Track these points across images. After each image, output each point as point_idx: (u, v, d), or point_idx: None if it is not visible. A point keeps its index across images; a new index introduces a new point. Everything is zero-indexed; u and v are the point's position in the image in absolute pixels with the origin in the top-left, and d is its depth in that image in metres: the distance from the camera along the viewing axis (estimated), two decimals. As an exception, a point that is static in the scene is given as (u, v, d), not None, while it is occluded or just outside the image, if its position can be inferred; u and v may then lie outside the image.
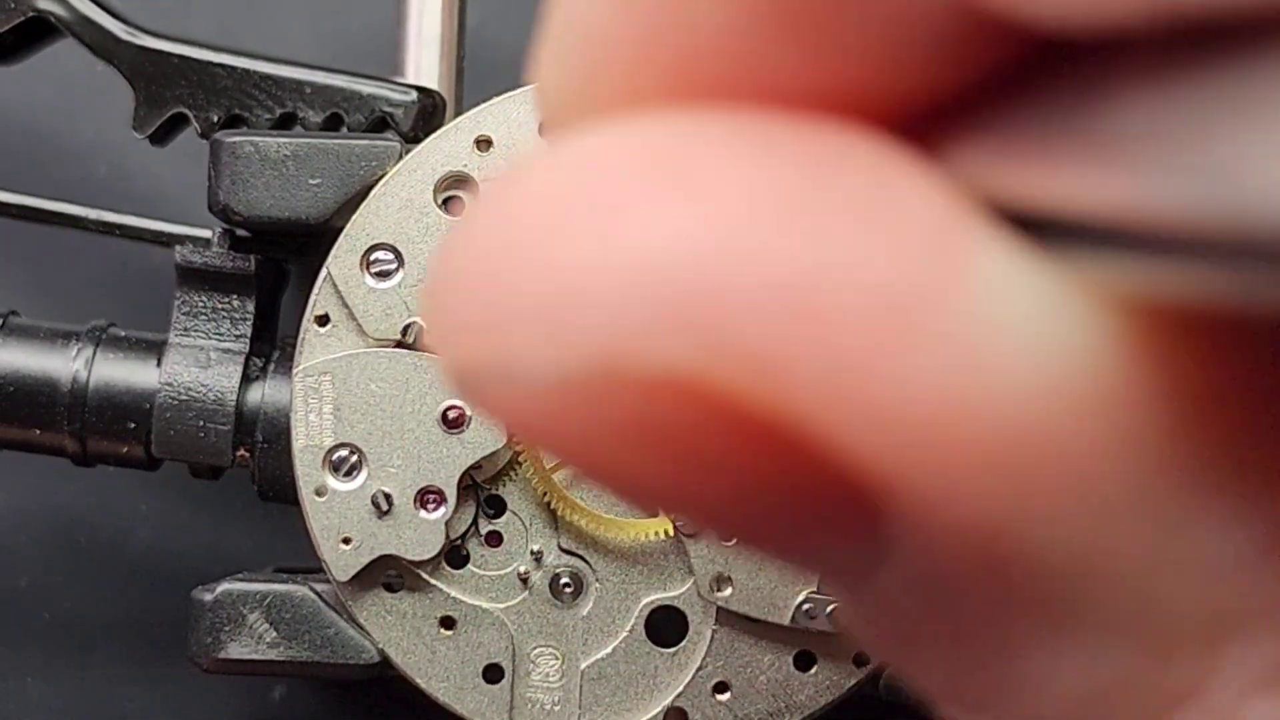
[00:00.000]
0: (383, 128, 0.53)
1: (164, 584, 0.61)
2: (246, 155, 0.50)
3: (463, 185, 0.50)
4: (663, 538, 0.50)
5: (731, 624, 0.50)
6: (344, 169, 0.50)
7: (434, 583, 0.50)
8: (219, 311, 0.53)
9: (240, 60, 0.53)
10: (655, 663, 0.50)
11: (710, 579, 0.49)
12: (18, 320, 0.54)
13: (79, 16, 0.54)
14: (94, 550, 0.61)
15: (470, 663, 0.50)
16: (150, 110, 0.54)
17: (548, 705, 0.50)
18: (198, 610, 0.50)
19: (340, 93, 0.53)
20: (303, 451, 0.49)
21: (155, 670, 0.61)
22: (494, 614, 0.50)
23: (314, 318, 0.50)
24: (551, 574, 0.50)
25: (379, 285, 0.49)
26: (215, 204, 0.50)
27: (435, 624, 0.50)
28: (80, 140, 0.62)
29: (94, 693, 0.61)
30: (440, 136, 0.50)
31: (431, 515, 0.49)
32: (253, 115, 0.53)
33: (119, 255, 0.60)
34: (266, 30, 0.63)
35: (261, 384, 0.52)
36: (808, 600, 0.49)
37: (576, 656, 0.50)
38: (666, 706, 0.50)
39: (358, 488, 0.49)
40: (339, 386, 0.49)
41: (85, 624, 0.61)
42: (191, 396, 0.52)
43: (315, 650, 0.50)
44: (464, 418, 0.49)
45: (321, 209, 0.50)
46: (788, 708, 0.50)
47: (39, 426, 0.52)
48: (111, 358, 0.52)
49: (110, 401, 0.52)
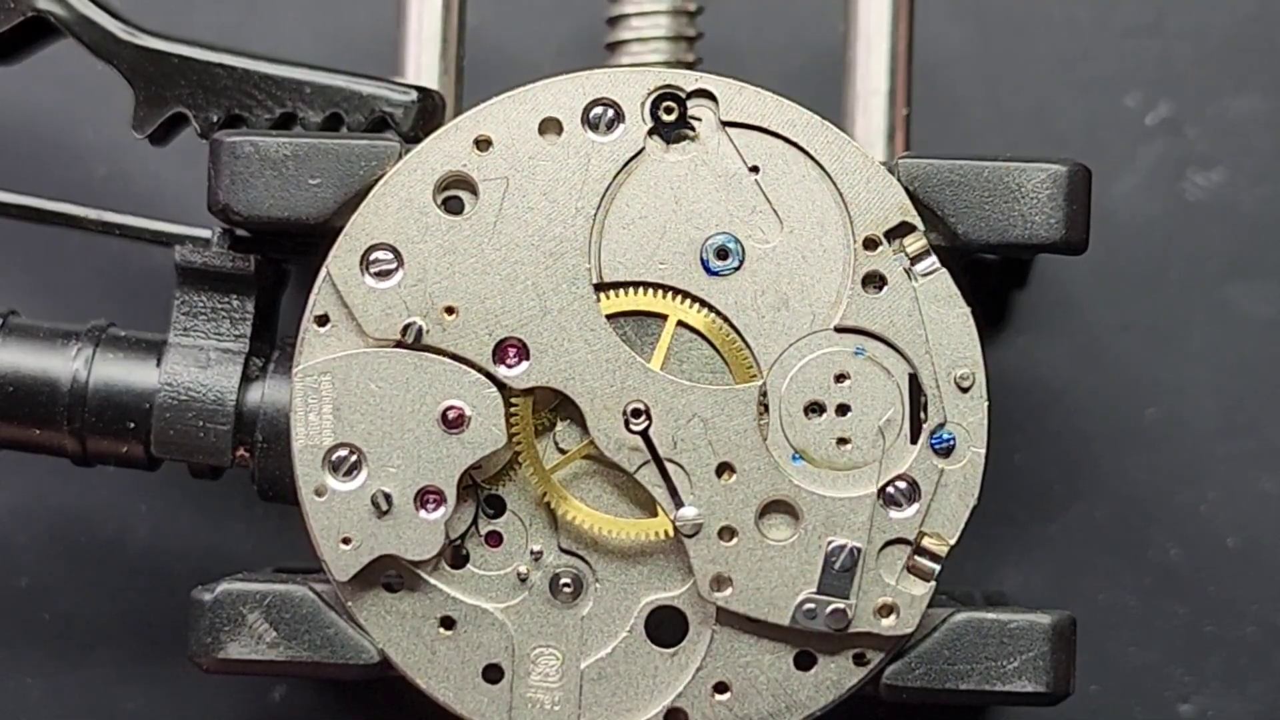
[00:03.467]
0: (382, 128, 0.53)
1: (164, 584, 0.61)
2: (246, 155, 0.50)
3: (463, 185, 0.50)
4: (663, 538, 0.50)
5: (731, 624, 0.50)
6: (344, 169, 0.50)
7: (434, 583, 0.50)
8: (219, 311, 0.53)
9: (240, 60, 0.53)
10: (655, 663, 0.50)
11: (710, 579, 0.49)
12: (18, 320, 0.54)
13: (79, 16, 0.54)
14: (94, 550, 0.61)
15: (470, 663, 0.50)
16: (150, 110, 0.54)
17: (547, 705, 0.50)
18: (198, 610, 0.50)
19: (340, 93, 0.53)
20: (302, 451, 0.49)
21: (155, 670, 0.61)
22: (494, 614, 0.50)
23: (313, 317, 0.50)
24: (551, 574, 0.50)
25: (379, 285, 0.49)
26: (215, 204, 0.50)
27: (435, 624, 0.50)
28: (80, 140, 0.62)
29: (94, 693, 0.61)
30: (440, 136, 0.50)
31: (431, 515, 0.49)
32: (252, 115, 0.53)
33: (119, 255, 0.60)
34: (266, 30, 0.63)
35: (261, 384, 0.52)
36: (808, 600, 0.49)
37: (576, 656, 0.50)
38: (666, 706, 0.50)
39: (357, 488, 0.49)
40: (339, 386, 0.49)
41: (85, 624, 0.61)
42: (191, 396, 0.52)
43: (315, 650, 0.50)
44: (463, 418, 0.49)
45: (321, 209, 0.50)
46: (788, 708, 0.50)
47: (39, 426, 0.52)
48: (111, 357, 0.52)
49: (110, 401, 0.52)
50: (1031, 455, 0.61)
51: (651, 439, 0.49)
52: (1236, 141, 0.62)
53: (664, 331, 0.50)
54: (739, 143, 0.49)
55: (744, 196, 0.49)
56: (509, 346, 0.49)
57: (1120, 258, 0.61)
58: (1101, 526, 0.61)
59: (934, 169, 0.50)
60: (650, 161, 0.49)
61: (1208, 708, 0.61)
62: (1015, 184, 0.49)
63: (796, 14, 0.62)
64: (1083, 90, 0.62)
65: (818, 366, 0.49)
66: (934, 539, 0.49)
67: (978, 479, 0.49)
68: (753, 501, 0.49)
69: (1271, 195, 0.62)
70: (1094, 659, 0.60)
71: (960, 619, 0.50)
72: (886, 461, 0.49)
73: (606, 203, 0.49)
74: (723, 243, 0.49)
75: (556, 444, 0.50)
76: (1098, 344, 0.61)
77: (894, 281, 0.49)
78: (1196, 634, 0.61)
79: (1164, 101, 0.62)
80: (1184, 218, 0.62)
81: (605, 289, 0.50)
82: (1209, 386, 0.61)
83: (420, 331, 0.49)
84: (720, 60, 0.56)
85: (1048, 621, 0.50)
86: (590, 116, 0.49)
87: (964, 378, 0.49)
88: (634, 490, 0.50)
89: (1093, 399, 0.61)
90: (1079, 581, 0.61)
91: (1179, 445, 0.61)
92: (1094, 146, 0.61)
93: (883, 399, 0.49)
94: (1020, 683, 0.49)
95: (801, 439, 0.49)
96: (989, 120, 0.62)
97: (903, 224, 0.49)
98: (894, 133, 0.55)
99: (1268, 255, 0.62)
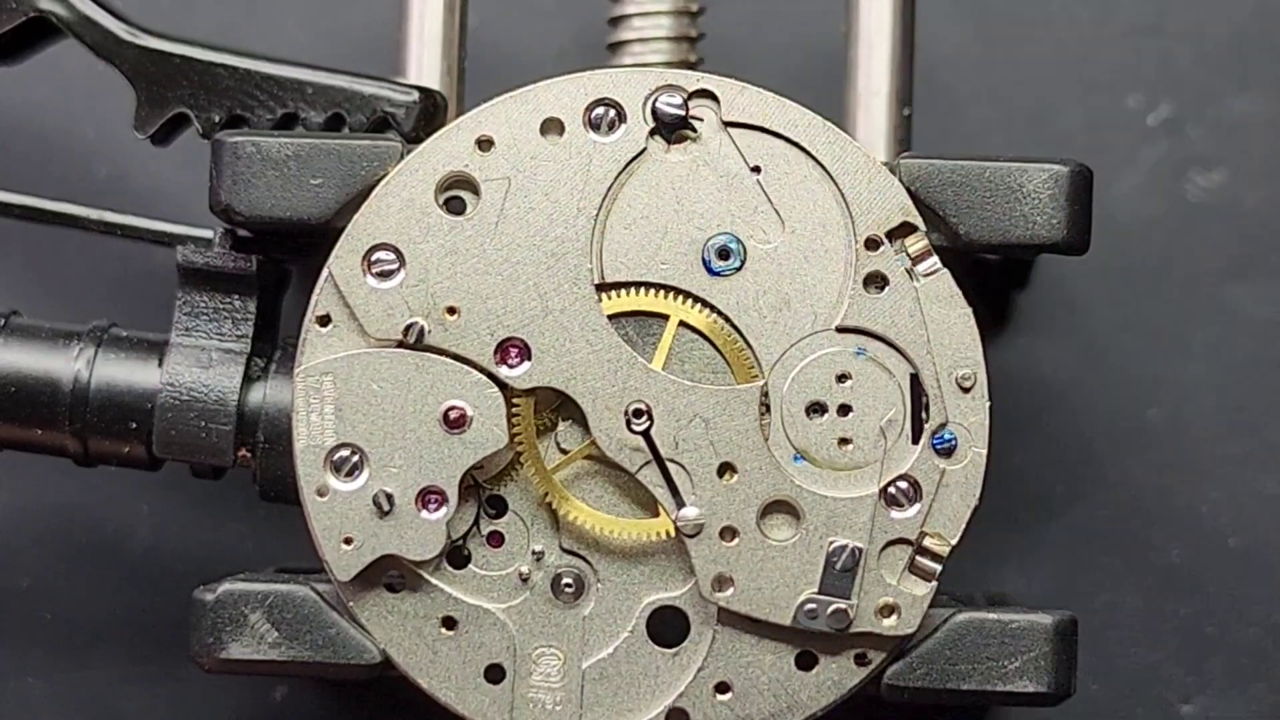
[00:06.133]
0: (384, 128, 0.53)
1: (165, 584, 0.61)
2: (248, 155, 0.50)
3: (464, 185, 0.50)
4: (664, 538, 0.50)
5: (733, 624, 0.50)
6: (345, 169, 0.50)
7: (435, 583, 0.50)
8: (220, 311, 0.53)
9: (242, 60, 0.53)
10: (656, 663, 0.50)
11: (711, 579, 0.49)
12: (19, 320, 0.54)
13: (80, 17, 0.54)
14: (94, 550, 0.61)
15: (472, 663, 0.50)
16: (151, 110, 0.54)
17: (549, 705, 0.50)
18: (199, 610, 0.50)
19: (342, 93, 0.53)
20: (304, 451, 0.49)
21: (155, 670, 0.61)
22: (495, 614, 0.50)
23: (315, 318, 0.50)
24: (553, 574, 0.50)
25: (380, 285, 0.49)
26: (216, 204, 0.50)
27: (437, 624, 0.50)
28: (82, 141, 0.62)
29: (94, 693, 0.61)
30: (441, 136, 0.50)
31: (433, 515, 0.49)
32: (254, 115, 0.53)
33: (120, 255, 0.60)
34: (267, 30, 0.63)
35: (263, 384, 0.52)
36: (809, 600, 0.49)
37: (578, 657, 0.50)
38: (668, 707, 0.50)
39: (359, 488, 0.49)
40: (340, 386, 0.49)
41: (85, 624, 0.61)
42: (193, 396, 0.52)
43: (317, 650, 0.50)
44: (465, 418, 0.49)
45: (323, 209, 0.50)
46: (789, 708, 0.50)
47: (40, 426, 0.52)
48: (113, 358, 0.52)
49: (112, 401, 0.52)
50: (1033, 455, 0.61)
51: (653, 439, 0.49)
52: (1238, 142, 0.62)
53: (665, 332, 0.50)
54: (741, 143, 0.49)
55: (745, 197, 0.49)
56: (511, 347, 0.49)
57: (1121, 258, 0.61)
58: (1103, 527, 0.61)
59: (935, 169, 0.50)
60: (652, 162, 0.49)
61: (1209, 708, 0.61)
62: (1017, 184, 0.49)
63: (797, 14, 0.62)
64: (1084, 90, 0.62)
65: (819, 367, 0.49)
66: (935, 539, 0.49)
67: (979, 479, 0.49)
68: (754, 502, 0.49)
69: (1272, 196, 0.62)
70: (1095, 659, 0.60)
71: (962, 619, 0.50)
72: (888, 462, 0.49)
73: (608, 203, 0.49)
74: (724, 243, 0.49)
75: (558, 444, 0.50)
76: (1099, 344, 0.61)
77: (895, 282, 0.49)
78: (1198, 634, 0.61)
79: (1165, 102, 0.62)
80: (1185, 218, 0.62)
81: (607, 289, 0.50)
82: (1210, 387, 0.61)
83: (422, 332, 0.49)
84: (722, 60, 0.56)
85: (1049, 622, 0.50)
86: (592, 117, 0.49)
87: (965, 378, 0.49)
88: (635, 490, 0.50)
89: (1094, 399, 0.61)
90: (1080, 582, 0.61)
91: (1180, 446, 0.61)
92: (1095, 147, 0.61)
93: (884, 399, 0.49)
94: (1021, 683, 0.49)
95: (803, 439, 0.49)
96: (990, 120, 0.62)
97: (904, 224, 0.49)
98: (895, 133, 0.55)
99: (1268, 255, 0.62)
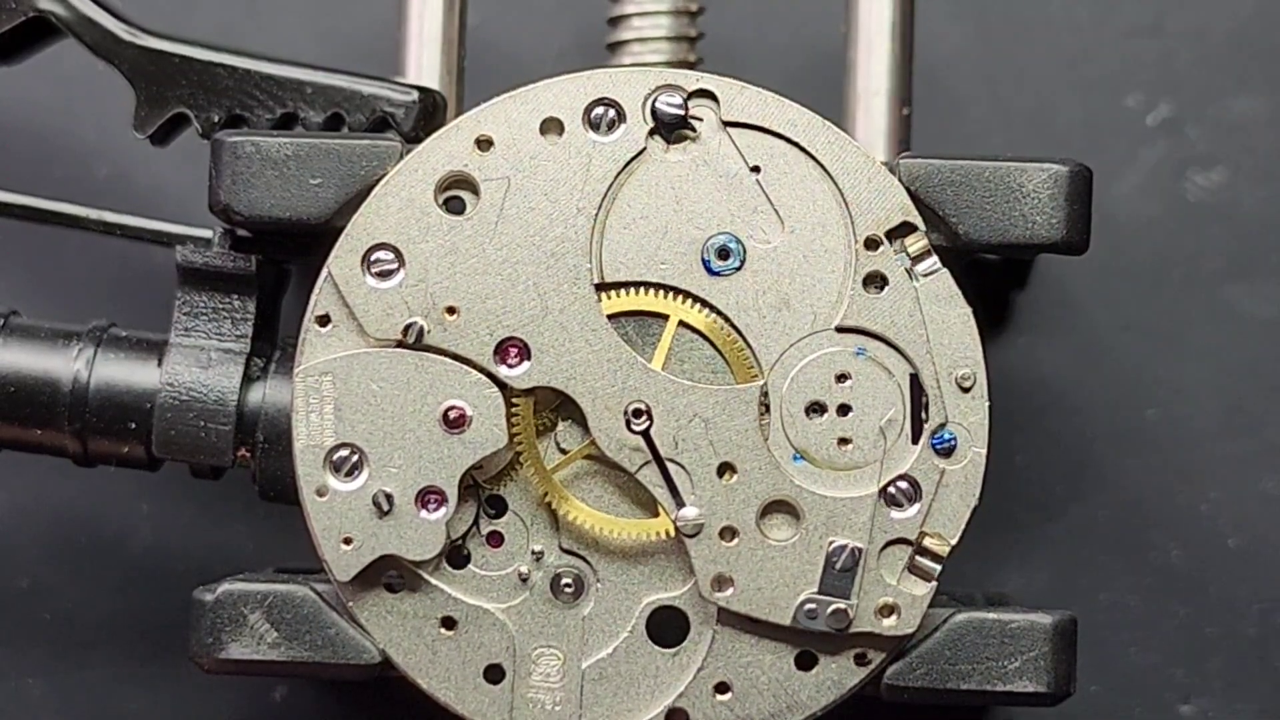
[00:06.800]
0: (383, 128, 0.53)
1: (164, 584, 0.61)
2: (247, 155, 0.50)
3: (464, 185, 0.50)
4: (664, 538, 0.50)
5: (732, 624, 0.50)
6: (345, 169, 0.50)
7: (435, 583, 0.50)
8: (220, 311, 0.53)
9: (241, 60, 0.53)
10: (656, 663, 0.50)
11: (711, 579, 0.49)
12: (19, 320, 0.54)
13: (80, 17, 0.54)
14: (94, 550, 0.61)
15: (471, 663, 0.50)
16: (151, 110, 0.54)
17: (548, 705, 0.50)
18: (199, 610, 0.50)
19: (341, 93, 0.53)
20: (304, 451, 0.49)
21: (156, 670, 0.61)
22: (495, 614, 0.50)
23: (315, 318, 0.50)
24: (552, 574, 0.50)
25: (380, 285, 0.49)
26: (216, 204, 0.50)
27: (436, 624, 0.50)
28: (81, 140, 0.62)
29: (94, 693, 0.61)
30: (441, 136, 0.50)
31: (432, 515, 0.49)
32: (254, 115, 0.53)
33: (119, 255, 0.60)
34: (267, 30, 0.63)
35: (262, 384, 0.52)
36: (809, 600, 0.49)
37: (577, 657, 0.50)
38: (668, 707, 0.50)
39: (359, 488, 0.49)
40: (340, 386, 0.49)
41: (85, 624, 0.61)
42: (192, 396, 0.52)
43: (316, 650, 0.50)
44: (465, 418, 0.49)
45: (322, 209, 0.50)
46: (789, 708, 0.50)
47: (40, 426, 0.52)
48: (112, 358, 0.52)
49: (111, 401, 0.52)
50: (1032, 455, 0.61)
51: (653, 439, 0.49)
52: (1237, 142, 0.62)
53: (665, 332, 0.50)
54: (740, 143, 0.49)
55: (745, 196, 0.49)
56: (510, 346, 0.49)
57: (1121, 258, 0.61)
58: (1102, 527, 0.61)
59: (935, 169, 0.50)
60: (651, 161, 0.49)
61: (1208, 708, 0.61)
62: (1016, 184, 0.49)
63: (797, 14, 0.62)
64: (1083, 90, 0.62)
65: (819, 366, 0.49)
66: (935, 539, 0.49)
67: (979, 479, 0.49)
68: (754, 501, 0.49)
69: (1272, 195, 0.62)
70: (1095, 659, 0.60)
71: (961, 619, 0.50)
72: (888, 461, 0.49)
73: (608, 203, 0.49)
74: (724, 243, 0.49)
75: (558, 444, 0.50)
76: (1098, 344, 0.61)
77: (895, 281, 0.49)
78: (1197, 634, 0.61)
79: (1165, 102, 0.62)
80: (1185, 218, 0.62)
81: (606, 289, 0.50)
82: (1210, 387, 0.61)
83: (421, 331, 0.49)
84: (721, 60, 0.56)
85: (1049, 622, 0.50)
86: (591, 116, 0.49)
87: (965, 378, 0.49)
88: (635, 490, 0.50)
89: (1094, 399, 0.61)
90: (1080, 581, 0.61)
91: (1180, 445, 0.61)
92: (1095, 147, 0.61)
93: (884, 399, 0.49)
94: (1021, 683, 0.49)
95: (803, 439, 0.49)
96: (990, 120, 0.62)
97: (904, 224, 0.49)
98: (895, 133, 0.55)
99: (1268, 255, 0.62)
